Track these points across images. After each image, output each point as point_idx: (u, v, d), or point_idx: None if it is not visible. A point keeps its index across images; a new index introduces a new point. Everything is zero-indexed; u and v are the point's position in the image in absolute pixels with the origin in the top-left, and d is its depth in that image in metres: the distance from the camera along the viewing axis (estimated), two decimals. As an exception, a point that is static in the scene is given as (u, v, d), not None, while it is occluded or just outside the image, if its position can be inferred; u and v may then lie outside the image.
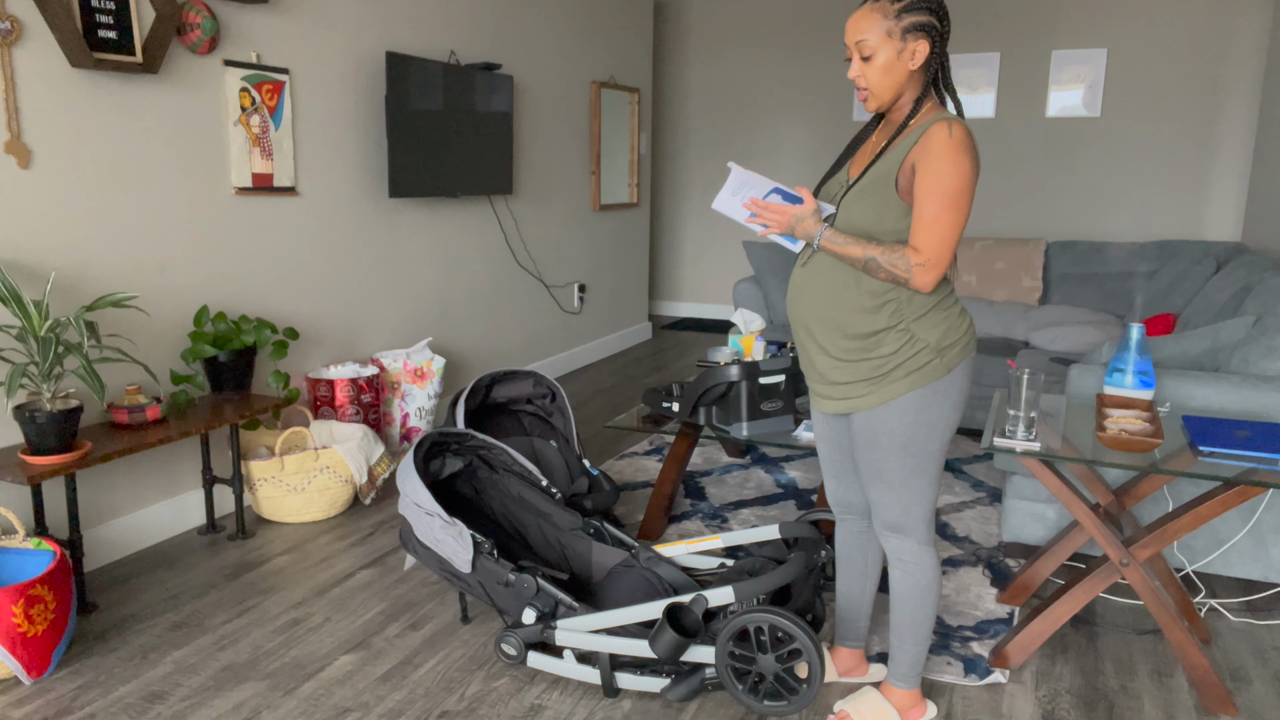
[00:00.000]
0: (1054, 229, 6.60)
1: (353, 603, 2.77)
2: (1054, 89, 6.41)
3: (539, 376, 3.24)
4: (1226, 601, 2.81)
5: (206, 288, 3.29)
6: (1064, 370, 4.09)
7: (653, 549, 2.63)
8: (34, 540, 2.49)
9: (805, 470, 3.97)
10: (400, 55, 3.95)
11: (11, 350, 2.62)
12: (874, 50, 1.84)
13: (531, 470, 2.76)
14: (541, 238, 5.48)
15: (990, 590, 2.86)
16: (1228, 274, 3.71)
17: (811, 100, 7.27)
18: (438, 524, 2.35)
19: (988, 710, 2.25)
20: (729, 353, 3.34)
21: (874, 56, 1.85)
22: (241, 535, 3.22)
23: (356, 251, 4.00)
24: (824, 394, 2.03)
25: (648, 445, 4.34)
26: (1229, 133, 6.05)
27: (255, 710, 2.22)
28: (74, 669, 2.39)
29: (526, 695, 2.30)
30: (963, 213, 1.81)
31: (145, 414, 2.88)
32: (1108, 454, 2.10)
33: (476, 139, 4.56)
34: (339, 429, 3.54)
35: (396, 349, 4.24)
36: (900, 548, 2.05)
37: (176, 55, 3.10)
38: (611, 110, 6.11)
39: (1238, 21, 5.92)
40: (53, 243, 2.78)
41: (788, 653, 2.08)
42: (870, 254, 1.84)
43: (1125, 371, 2.43)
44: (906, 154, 1.84)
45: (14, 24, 2.61)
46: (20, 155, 2.66)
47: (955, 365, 1.92)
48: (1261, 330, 2.73)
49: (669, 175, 7.94)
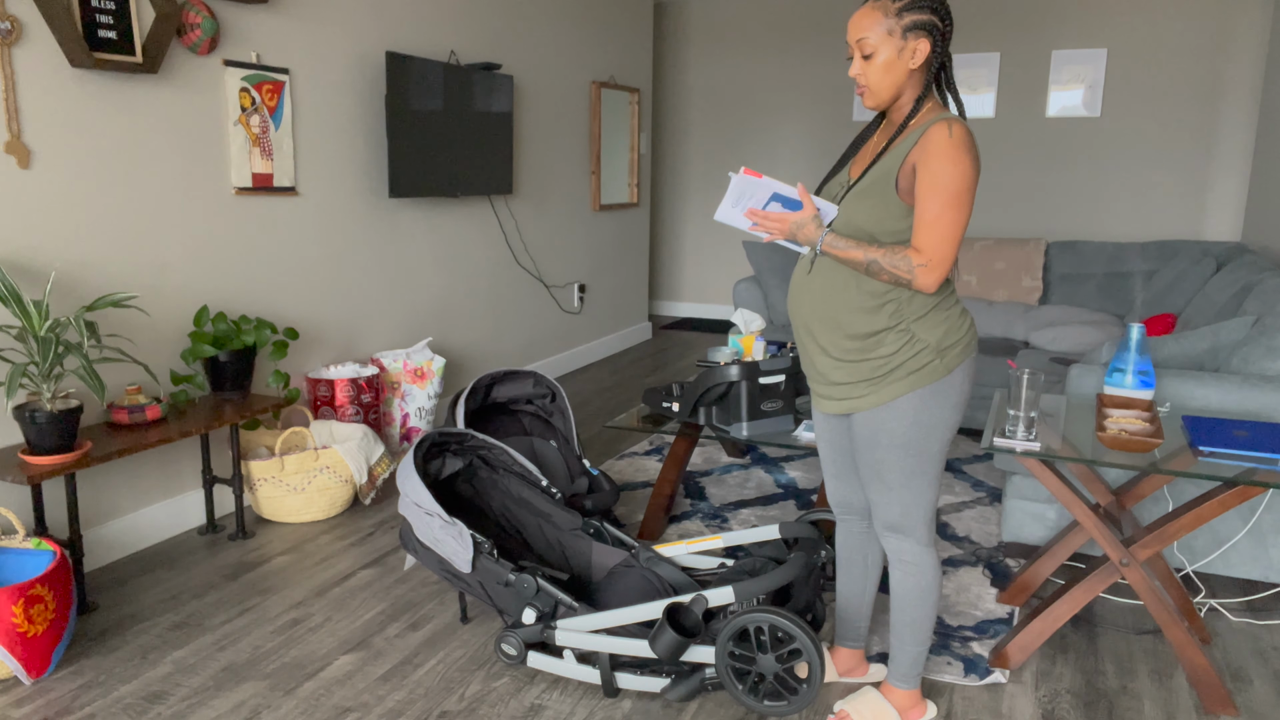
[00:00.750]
0: (1054, 229, 6.61)
1: (353, 603, 2.77)
2: (1054, 89, 6.41)
3: (539, 376, 3.24)
4: (1226, 601, 2.81)
5: (206, 288, 3.29)
6: (1064, 370, 4.09)
7: (653, 549, 2.63)
8: (34, 540, 2.49)
9: (805, 470, 3.97)
10: (400, 55, 3.95)
11: (11, 350, 2.62)
12: (874, 48, 1.84)
13: (531, 470, 2.76)
14: (541, 238, 5.48)
15: (990, 590, 2.86)
16: (1228, 274, 3.71)
17: (811, 100, 7.27)
18: (438, 524, 2.35)
19: (988, 710, 2.25)
20: (729, 353, 3.34)
21: (874, 55, 1.85)
22: (241, 535, 3.22)
23: (356, 251, 4.00)
24: (824, 394, 2.03)
25: (648, 445, 4.34)
26: (1229, 133, 6.05)
27: (255, 710, 2.22)
28: (74, 669, 2.39)
29: (526, 695, 2.30)
30: (964, 212, 1.81)
31: (145, 414, 2.88)
32: (1108, 454, 2.10)
33: (476, 139, 4.56)
34: (339, 429, 3.54)
35: (396, 349, 4.24)
36: (901, 548, 2.05)
37: (176, 55, 3.10)
38: (611, 110, 6.11)
39: (1238, 21, 5.92)
40: (53, 243, 2.78)
41: (788, 653, 2.08)
42: (872, 257, 1.84)
43: (1125, 371, 2.43)
44: (906, 154, 1.84)
45: (14, 24, 2.61)
46: (20, 155, 2.66)
47: (956, 366, 1.92)
48: (1261, 330, 2.73)
49: (669, 175, 7.94)
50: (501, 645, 2.34)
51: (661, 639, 2.12)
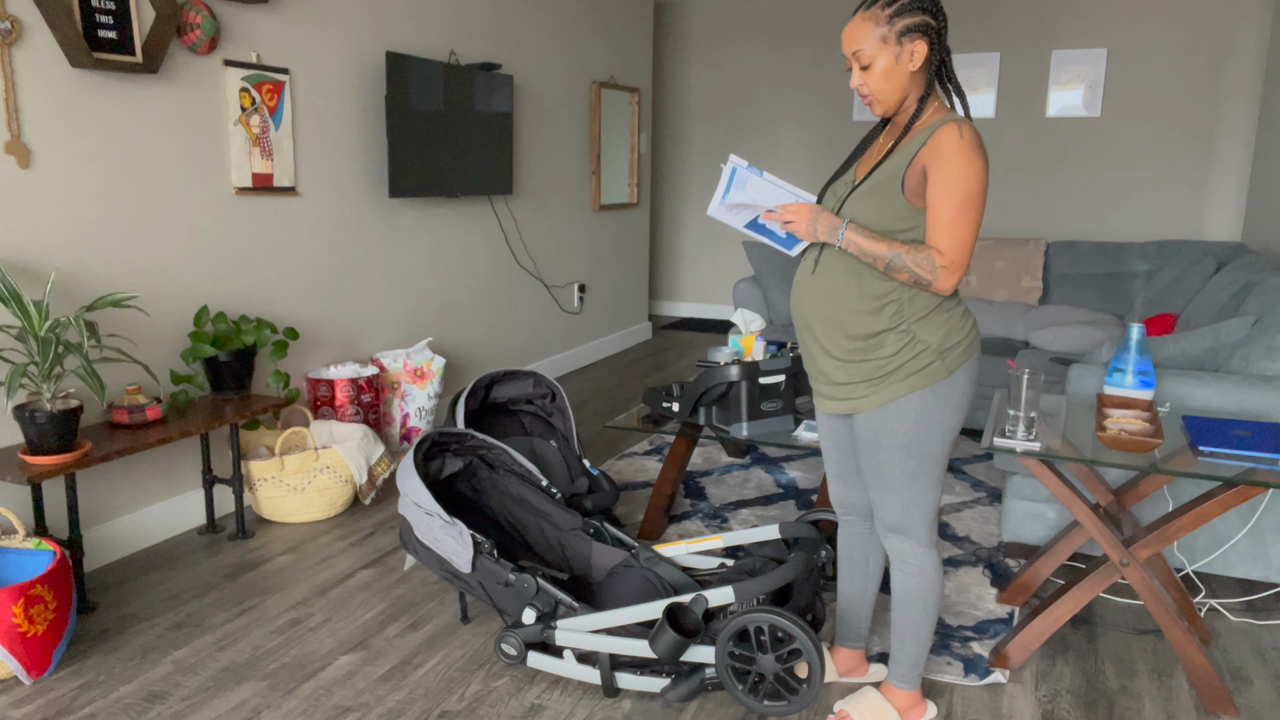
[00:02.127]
0: (1054, 229, 6.60)
1: (353, 603, 2.77)
2: (1054, 89, 6.41)
3: (539, 376, 3.24)
4: (1226, 601, 2.81)
5: (206, 288, 3.29)
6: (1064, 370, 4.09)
7: (653, 549, 2.63)
8: (34, 540, 2.49)
9: (805, 470, 3.97)
10: (400, 55, 3.95)
11: (11, 350, 2.62)
12: (872, 58, 1.84)
13: (531, 470, 2.76)
14: (541, 238, 5.48)
15: (990, 590, 2.86)
16: (1228, 274, 3.71)
17: (811, 101, 7.27)
18: (438, 524, 2.35)
19: (988, 710, 2.25)
20: (729, 353, 3.34)
21: (873, 64, 1.84)
22: (241, 535, 3.22)
23: (356, 251, 4.00)
24: (826, 394, 2.03)
25: (648, 445, 4.34)
26: (1229, 133, 6.05)
27: (255, 710, 2.22)
28: (74, 669, 2.39)
29: (526, 695, 2.30)
30: (979, 213, 1.81)
31: (145, 414, 2.88)
32: (1108, 454, 2.10)
33: (476, 139, 4.56)
34: (339, 429, 3.54)
35: (396, 349, 4.24)
36: (902, 549, 2.05)
37: (176, 55, 3.10)
38: (611, 110, 6.11)
39: (1238, 21, 5.92)
40: (53, 243, 2.78)
41: (788, 653, 2.08)
42: (896, 252, 1.82)
43: (1125, 371, 2.43)
44: (914, 156, 1.84)
45: (14, 24, 2.61)
46: (20, 155, 2.66)
47: (957, 367, 1.92)
48: (1261, 330, 2.73)
49: (669, 175, 7.94)
50: (501, 645, 2.34)
51: (661, 639, 2.12)
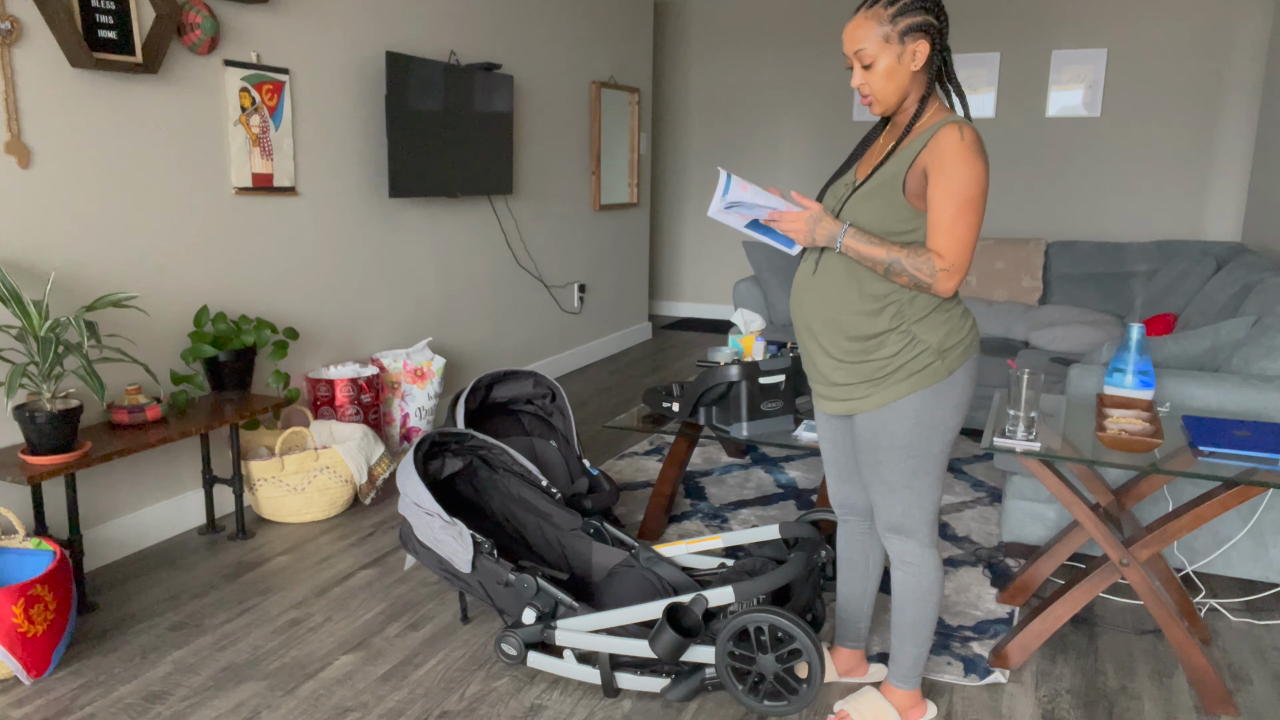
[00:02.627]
0: (1054, 229, 6.60)
1: (353, 603, 2.77)
2: (1054, 89, 6.41)
3: (539, 376, 3.24)
4: (1226, 601, 2.81)
5: (206, 288, 3.29)
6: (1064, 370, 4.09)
7: (653, 549, 2.63)
8: (34, 540, 2.49)
9: (805, 470, 3.97)
10: (400, 55, 3.95)
11: (11, 350, 2.62)
12: (874, 58, 1.83)
13: (531, 470, 2.76)
14: (541, 238, 5.48)
15: (990, 590, 2.86)
16: (1228, 274, 3.71)
17: (811, 100, 7.27)
18: (438, 524, 2.35)
19: (988, 710, 2.25)
20: (729, 353, 3.34)
21: (874, 64, 1.84)
22: (241, 535, 3.22)
23: (356, 251, 4.00)
24: (826, 395, 2.03)
25: (648, 445, 4.34)
26: (1229, 133, 6.05)
27: (255, 710, 2.22)
28: (74, 669, 2.39)
29: (526, 695, 2.30)
30: (979, 215, 1.80)
31: (145, 414, 2.88)
32: (1108, 454, 2.10)
33: (476, 139, 4.56)
34: (339, 429, 3.54)
35: (396, 349, 4.24)
36: (902, 549, 2.05)
37: (176, 55, 3.10)
38: (611, 110, 6.11)
39: (1238, 21, 5.92)
40: (53, 243, 2.78)
41: (788, 653, 2.08)
42: (895, 256, 1.82)
43: (1125, 371, 2.43)
44: (915, 157, 1.83)
45: (14, 24, 2.61)
46: (20, 155, 2.66)
47: (957, 367, 1.92)
48: (1261, 330, 2.73)
49: (669, 175, 7.94)
50: (501, 645, 2.34)
51: (661, 639, 2.12)
